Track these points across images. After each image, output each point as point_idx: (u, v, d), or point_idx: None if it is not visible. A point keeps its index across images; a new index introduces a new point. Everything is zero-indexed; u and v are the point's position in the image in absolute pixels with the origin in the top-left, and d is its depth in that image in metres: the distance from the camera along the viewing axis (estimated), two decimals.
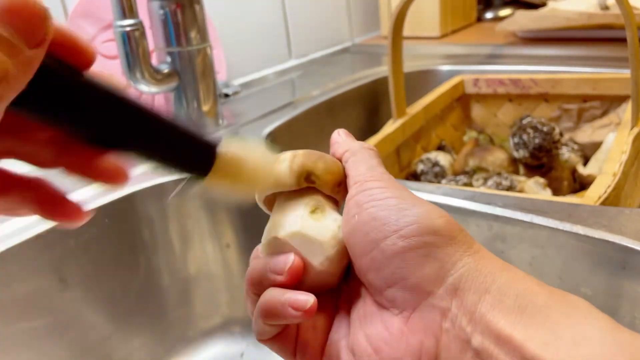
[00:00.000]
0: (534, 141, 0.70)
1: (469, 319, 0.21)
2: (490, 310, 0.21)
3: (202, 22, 0.67)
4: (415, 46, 1.07)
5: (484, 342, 0.20)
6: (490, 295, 0.21)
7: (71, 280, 0.50)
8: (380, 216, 0.23)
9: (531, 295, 0.21)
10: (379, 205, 0.24)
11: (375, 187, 0.25)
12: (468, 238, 0.23)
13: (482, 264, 0.22)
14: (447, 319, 0.22)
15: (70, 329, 0.50)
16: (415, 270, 0.22)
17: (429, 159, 0.74)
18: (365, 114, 0.90)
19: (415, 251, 0.22)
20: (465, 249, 0.23)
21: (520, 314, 0.20)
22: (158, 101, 0.75)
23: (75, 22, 0.68)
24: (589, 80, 0.76)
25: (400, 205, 0.24)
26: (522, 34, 1.02)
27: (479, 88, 0.83)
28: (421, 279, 0.22)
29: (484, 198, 0.46)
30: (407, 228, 0.23)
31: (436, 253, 0.22)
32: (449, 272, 0.22)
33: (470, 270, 0.22)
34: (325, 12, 1.12)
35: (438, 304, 0.22)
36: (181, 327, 0.58)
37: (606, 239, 0.39)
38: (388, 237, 0.23)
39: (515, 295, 0.21)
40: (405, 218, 0.23)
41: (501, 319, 0.20)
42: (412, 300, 0.23)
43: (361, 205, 0.24)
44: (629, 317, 0.39)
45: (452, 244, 0.23)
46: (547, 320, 0.20)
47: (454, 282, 0.22)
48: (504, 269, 0.22)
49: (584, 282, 0.41)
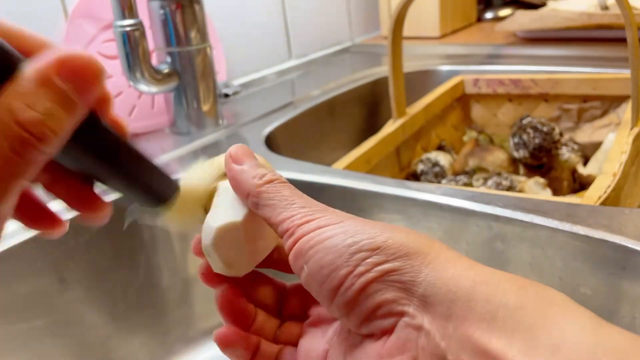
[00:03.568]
0: (534, 141, 0.70)
1: (442, 334, 0.20)
2: (461, 322, 0.20)
3: (202, 22, 0.67)
4: (415, 46, 1.07)
5: (460, 356, 0.20)
6: (459, 305, 0.20)
7: (71, 280, 0.50)
8: (327, 263, 0.22)
9: (501, 295, 0.20)
10: (322, 250, 0.23)
11: (310, 229, 0.23)
12: (421, 244, 0.22)
13: (444, 270, 0.21)
14: (421, 335, 0.21)
15: (70, 329, 0.50)
16: (382, 299, 0.22)
17: (429, 159, 0.74)
18: (365, 114, 0.90)
19: (376, 283, 0.22)
20: (421, 260, 0.22)
21: (493, 320, 0.19)
22: (158, 101, 0.75)
23: (75, 22, 0.68)
24: (589, 80, 0.76)
25: (344, 242, 0.22)
26: (522, 34, 1.02)
27: (479, 88, 0.83)
28: (390, 305, 0.22)
29: (484, 198, 0.46)
30: (359, 267, 0.22)
31: (396, 276, 0.22)
32: (414, 286, 0.21)
33: (432, 281, 0.21)
34: (325, 12, 1.12)
35: (411, 323, 0.21)
36: (181, 327, 0.58)
37: (606, 239, 0.39)
38: (343, 283, 0.22)
39: (484, 299, 0.20)
40: (353, 256, 0.22)
41: (475, 330, 0.19)
42: (387, 326, 0.22)
43: (304, 254, 0.23)
44: (629, 317, 0.39)
45: (408, 259, 0.22)
46: (522, 323, 0.19)
47: (421, 297, 0.21)
48: (467, 268, 0.21)
49: (584, 282, 0.41)
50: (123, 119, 0.23)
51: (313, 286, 0.23)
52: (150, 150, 0.22)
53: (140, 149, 0.24)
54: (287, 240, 0.24)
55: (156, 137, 0.72)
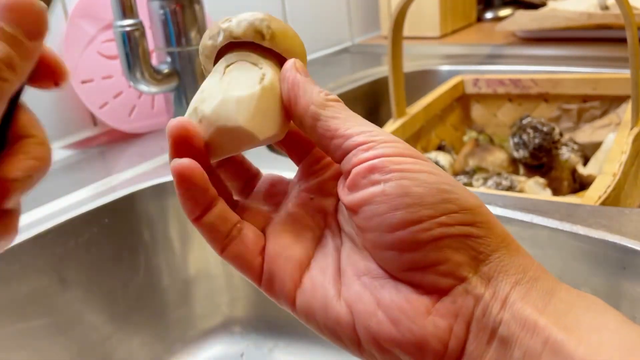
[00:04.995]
0: (534, 141, 0.70)
1: (500, 308, 0.21)
2: (519, 300, 0.21)
3: (202, 22, 0.67)
4: (415, 46, 1.07)
5: (510, 328, 0.20)
6: (521, 287, 0.21)
7: (71, 280, 0.50)
8: (415, 194, 0.21)
9: (554, 289, 0.22)
10: (412, 179, 0.21)
11: (395, 152, 0.22)
12: (501, 229, 0.23)
13: (515, 257, 0.22)
14: (480, 306, 0.21)
15: (70, 329, 0.50)
16: (449, 258, 0.21)
17: (429, 159, 0.74)
18: (365, 114, 0.90)
19: (452, 239, 0.21)
20: (500, 241, 0.22)
21: (546, 305, 0.21)
22: (158, 101, 0.75)
23: (75, 22, 0.67)
24: (589, 80, 0.76)
25: (439, 185, 0.21)
26: (522, 34, 1.02)
27: (479, 88, 0.83)
28: (455, 266, 0.21)
29: (484, 198, 0.46)
30: (447, 216, 0.21)
31: (472, 242, 0.22)
32: (483, 262, 0.22)
33: (504, 261, 0.22)
34: (325, 12, 1.12)
35: (472, 291, 0.21)
36: (181, 327, 0.58)
37: (606, 239, 0.39)
38: (423, 221, 0.21)
39: (542, 288, 0.21)
40: (445, 204, 0.21)
41: (528, 308, 0.21)
42: (444, 285, 0.22)
43: (388, 172, 0.21)
44: (629, 317, 0.39)
45: (491, 234, 0.22)
46: (570, 311, 0.20)
47: (488, 271, 0.22)
48: (532, 264, 0.22)
49: (584, 282, 0.41)
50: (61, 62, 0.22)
51: (379, 207, 0.21)
52: (150, 150, 0.22)
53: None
54: (362, 154, 0.22)
55: (156, 137, 0.72)
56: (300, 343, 0.57)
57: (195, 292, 0.59)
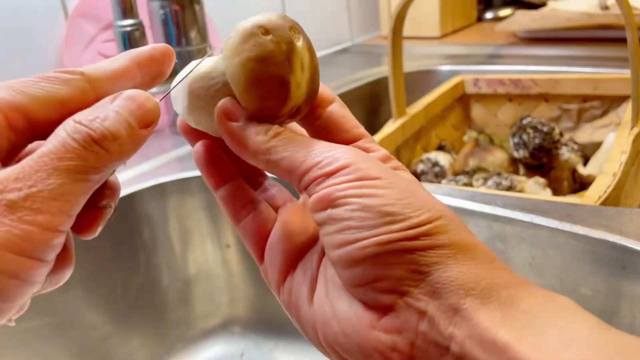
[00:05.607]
0: (534, 141, 0.70)
1: (448, 322, 0.20)
2: (472, 312, 0.20)
3: (202, 22, 0.67)
4: (415, 46, 1.08)
5: (464, 345, 0.19)
6: (473, 298, 0.20)
7: (71, 280, 0.50)
8: (357, 217, 0.21)
9: (515, 297, 0.20)
10: (356, 204, 0.21)
11: (354, 178, 0.22)
12: (460, 237, 0.21)
13: (467, 266, 0.21)
14: (424, 321, 0.20)
15: (70, 329, 0.50)
16: (387, 274, 0.21)
17: (429, 159, 0.74)
18: (365, 114, 0.90)
19: (388, 255, 0.21)
20: (449, 251, 0.21)
21: (505, 315, 0.19)
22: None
23: (75, 22, 0.68)
24: (589, 80, 0.76)
25: (382, 208, 0.21)
26: (522, 34, 1.02)
27: (479, 88, 0.83)
28: (395, 282, 0.21)
29: (484, 198, 0.46)
30: (386, 235, 0.21)
31: (413, 256, 0.21)
32: (426, 274, 0.21)
33: (448, 272, 0.21)
34: (325, 12, 1.12)
35: (414, 305, 0.21)
36: (181, 327, 0.58)
37: (606, 239, 0.39)
38: (359, 240, 0.21)
39: (500, 296, 0.20)
40: (385, 226, 0.21)
41: (485, 320, 0.19)
42: (387, 302, 0.21)
43: (334, 199, 0.22)
44: (629, 317, 0.39)
45: (434, 246, 0.21)
46: (535, 321, 0.19)
47: (432, 283, 0.21)
48: (489, 272, 0.21)
49: (583, 283, 0.41)
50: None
51: (329, 229, 0.22)
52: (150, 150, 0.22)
53: None
54: (315, 187, 0.22)
55: (156, 137, 0.72)
56: (300, 343, 0.57)
57: (195, 292, 0.59)
